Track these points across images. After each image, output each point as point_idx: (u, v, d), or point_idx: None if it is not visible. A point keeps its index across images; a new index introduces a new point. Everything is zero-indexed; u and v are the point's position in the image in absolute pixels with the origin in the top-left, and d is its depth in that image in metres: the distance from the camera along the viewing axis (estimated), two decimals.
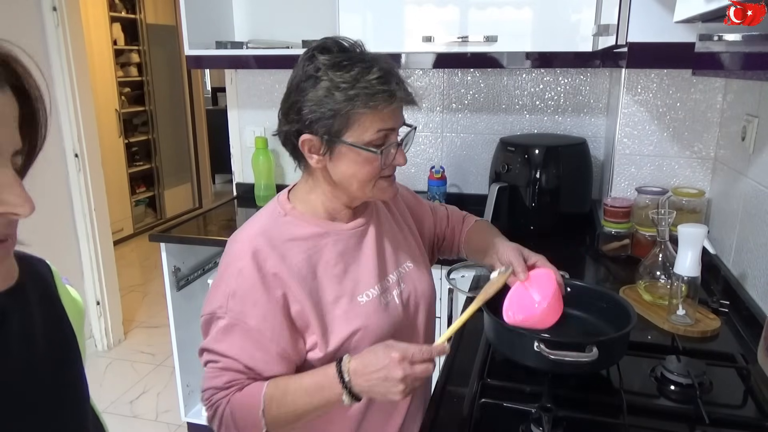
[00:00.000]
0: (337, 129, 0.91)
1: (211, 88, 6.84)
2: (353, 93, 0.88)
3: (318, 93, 0.89)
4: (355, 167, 0.94)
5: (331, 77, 0.89)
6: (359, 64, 0.90)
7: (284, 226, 0.98)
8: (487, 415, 0.95)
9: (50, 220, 2.79)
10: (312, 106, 0.90)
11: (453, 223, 1.29)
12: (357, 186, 0.96)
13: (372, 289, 1.02)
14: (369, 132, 0.91)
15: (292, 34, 2.29)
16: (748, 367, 1.06)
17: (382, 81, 0.89)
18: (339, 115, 0.89)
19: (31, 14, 2.61)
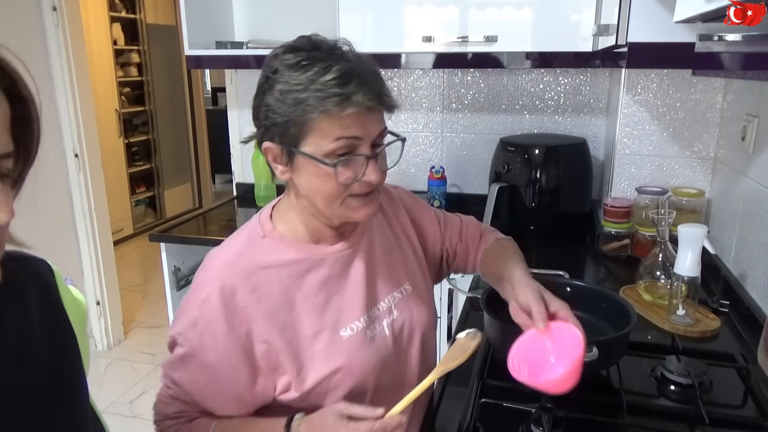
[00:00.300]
0: (294, 137, 0.81)
1: (211, 88, 6.84)
2: (303, 96, 0.78)
3: (273, 96, 0.81)
4: (317, 181, 0.83)
5: (287, 79, 0.80)
6: (319, 64, 0.79)
7: (261, 251, 0.89)
8: (487, 415, 0.95)
9: (50, 220, 2.79)
10: (267, 111, 0.82)
11: (467, 239, 1.15)
12: (322, 203, 0.86)
13: (357, 321, 0.91)
14: (327, 140, 0.80)
15: (292, 34, 2.25)
16: (748, 367, 1.06)
17: (339, 82, 0.77)
18: (292, 122, 0.80)
19: (31, 14, 2.61)
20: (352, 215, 0.87)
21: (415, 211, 1.11)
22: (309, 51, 0.81)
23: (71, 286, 0.69)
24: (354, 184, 0.83)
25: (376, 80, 0.82)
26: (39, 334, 0.58)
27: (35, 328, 0.58)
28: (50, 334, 0.60)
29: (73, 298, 0.66)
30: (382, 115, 0.85)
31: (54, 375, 0.59)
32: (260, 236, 0.91)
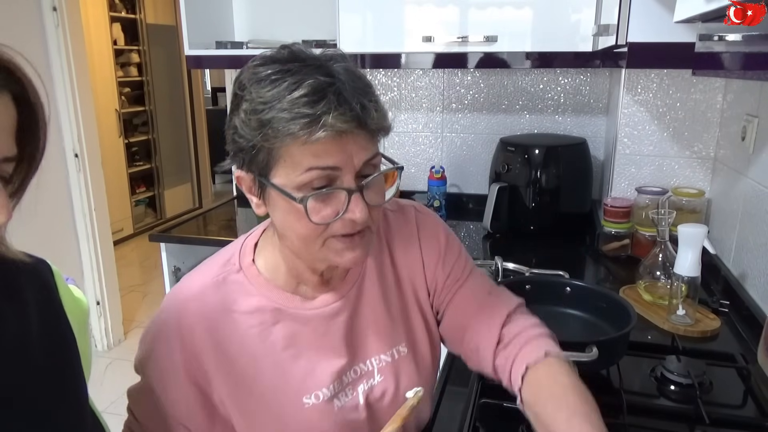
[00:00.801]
0: (262, 165, 0.68)
1: (211, 88, 6.84)
2: (268, 117, 0.65)
3: (239, 117, 0.68)
4: (290, 219, 0.70)
5: (253, 96, 0.67)
6: (289, 78, 0.65)
7: (230, 289, 0.77)
8: (487, 415, 0.94)
9: (50, 220, 2.79)
10: (234, 134, 0.70)
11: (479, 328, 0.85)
12: (299, 245, 0.73)
13: (324, 389, 0.78)
14: (298, 171, 0.66)
15: (292, 34, 2.28)
16: (748, 367, 1.06)
17: (308, 100, 0.64)
18: (258, 148, 0.67)
19: (31, 14, 2.60)
20: (335, 260, 0.73)
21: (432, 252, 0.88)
22: (284, 63, 0.68)
23: (72, 286, 0.68)
24: (334, 223, 0.69)
25: (359, 96, 0.66)
26: (37, 335, 0.58)
27: (34, 328, 0.58)
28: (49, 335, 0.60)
29: (74, 298, 0.66)
30: (370, 138, 0.69)
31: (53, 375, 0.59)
32: (235, 269, 0.79)
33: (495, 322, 0.84)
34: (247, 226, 2.25)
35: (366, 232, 0.73)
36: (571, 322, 1.17)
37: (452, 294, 0.89)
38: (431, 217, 0.92)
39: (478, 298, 0.88)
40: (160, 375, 0.77)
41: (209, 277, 0.79)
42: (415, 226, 0.90)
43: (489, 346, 0.82)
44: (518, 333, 0.82)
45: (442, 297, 0.89)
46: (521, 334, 0.82)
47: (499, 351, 0.82)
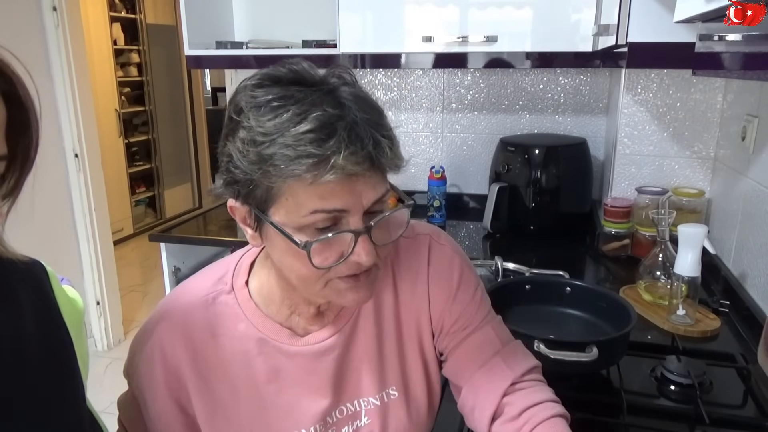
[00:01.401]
0: (261, 200, 0.62)
1: (211, 88, 6.83)
2: (269, 152, 0.58)
3: (235, 146, 0.61)
4: (290, 260, 0.64)
5: (251, 124, 0.59)
6: (293, 107, 0.58)
7: (217, 311, 0.73)
8: None
9: (50, 220, 2.79)
10: (228, 163, 0.62)
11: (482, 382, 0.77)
12: (298, 283, 0.67)
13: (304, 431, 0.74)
14: (302, 212, 0.60)
15: (292, 34, 2.29)
16: (748, 367, 1.06)
17: (315, 137, 0.57)
18: (256, 183, 0.60)
19: (31, 14, 2.60)
20: (337, 300, 0.68)
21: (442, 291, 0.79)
22: (287, 85, 0.61)
23: (67, 286, 0.68)
24: (339, 266, 0.63)
25: (372, 131, 0.59)
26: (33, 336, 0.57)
27: (29, 329, 0.57)
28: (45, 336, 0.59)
29: (69, 299, 0.65)
30: (381, 177, 0.63)
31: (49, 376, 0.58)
32: (226, 290, 0.74)
33: (496, 388, 0.74)
34: None
35: (373, 269, 0.66)
36: (571, 322, 1.17)
37: (457, 342, 0.79)
38: (447, 250, 0.81)
39: (485, 354, 0.77)
40: (143, 387, 0.74)
41: (200, 293, 0.74)
42: (426, 259, 0.79)
43: (485, 415, 0.74)
44: (525, 409, 0.72)
45: (446, 342, 0.80)
46: (529, 411, 0.72)
47: (498, 424, 0.73)
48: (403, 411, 0.79)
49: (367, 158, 0.58)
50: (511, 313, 1.13)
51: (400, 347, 0.79)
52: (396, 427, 0.79)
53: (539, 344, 0.95)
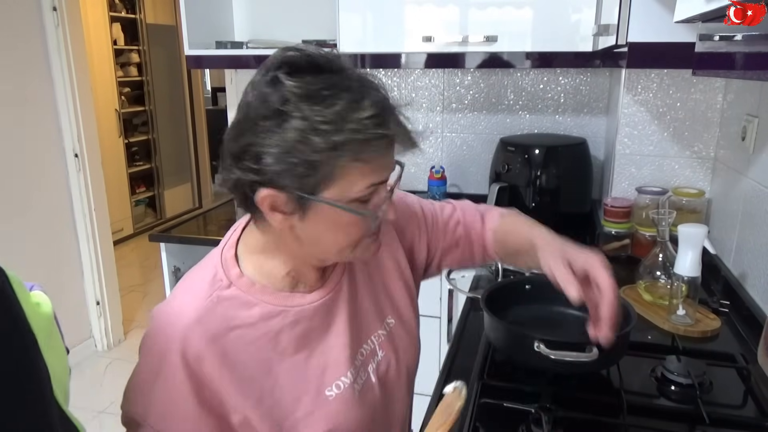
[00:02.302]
0: (314, 183, 0.66)
1: (211, 88, 6.83)
2: (340, 139, 0.63)
3: (287, 136, 0.63)
4: (336, 230, 0.71)
5: (306, 114, 0.63)
6: (344, 94, 0.64)
7: (227, 306, 0.73)
8: (487, 415, 0.94)
9: (50, 220, 2.79)
10: (279, 154, 0.64)
11: (468, 226, 1.01)
12: (336, 250, 0.74)
13: (344, 377, 0.79)
14: (357, 187, 0.67)
15: (292, 34, 2.29)
16: (748, 367, 1.06)
17: (378, 121, 0.64)
18: (316, 167, 0.65)
19: (31, 14, 2.60)
20: (363, 255, 0.77)
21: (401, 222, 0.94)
22: (317, 73, 0.66)
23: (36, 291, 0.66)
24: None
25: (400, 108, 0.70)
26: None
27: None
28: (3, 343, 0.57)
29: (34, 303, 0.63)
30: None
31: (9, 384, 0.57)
32: (225, 285, 0.74)
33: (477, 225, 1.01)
34: None
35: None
36: (571, 322, 1.17)
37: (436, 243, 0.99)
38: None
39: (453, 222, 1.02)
40: (165, 420, 0.71)
41: (201, 299, 0.73)
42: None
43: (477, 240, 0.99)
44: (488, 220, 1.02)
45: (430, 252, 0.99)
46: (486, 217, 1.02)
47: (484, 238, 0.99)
48: (403, 332, 0.90)
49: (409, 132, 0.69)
50: (511, 313, 1.13)
51: (384, 278, 0.90)
52: (403, 350, 0.89)
53: (539, 344, 0.95)
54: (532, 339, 0.97)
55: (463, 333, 1.29)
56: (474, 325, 1.32)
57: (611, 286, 0.76)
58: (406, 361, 0.89)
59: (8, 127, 2.55)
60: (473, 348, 1.18)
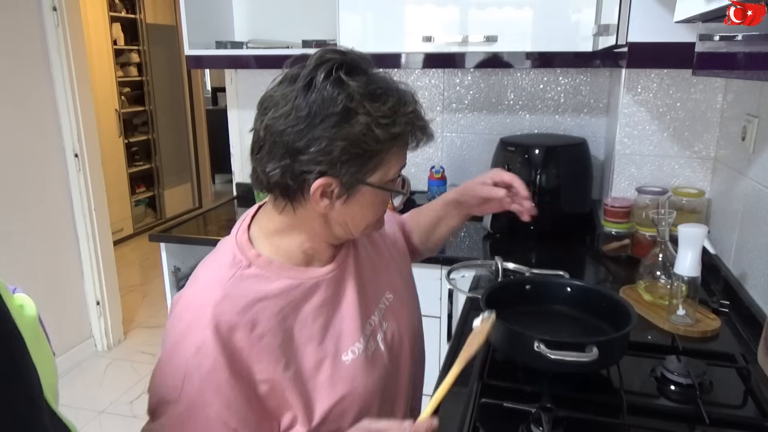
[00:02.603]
0: (368, 169, 0.78)
1: (211, 88, 6.84)
2: (397, 131, 0.76)
3: (355, 129, 0.73)
4: (370, 209, 0.83)
5: (369, 110, 0.74)
6: (392, 93, 0.77)
7: (250, 282, 0.79)
8: (487, 415, 0.95)
9: (50, 220, 2.79)
10: (346, 145, 0.74)
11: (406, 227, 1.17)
12: (363, 228, 0.84)
13: (357, 343, 0.87)
14: (393, 170, 0.81)
15: (292, 34, 2.29)
16: (748, 367, 1.06)
17: (417, 115, 0.79)
18: (374, 154, 0.76)
19: (31, 14, 2.60)
20: (375, 230, 0.89)
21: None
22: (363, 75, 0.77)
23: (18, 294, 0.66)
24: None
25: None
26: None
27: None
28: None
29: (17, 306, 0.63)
30: None
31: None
32: (245, 265, 0.80)
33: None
34: None
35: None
36: (571, 322, 1.17)
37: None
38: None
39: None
40: (201, 392, 0.74)
41: (225, 278, 0.79)
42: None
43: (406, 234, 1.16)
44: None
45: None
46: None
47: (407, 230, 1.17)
48: (401, 304, 0.99)
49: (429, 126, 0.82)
50: (511, 313, 1.13)
51: (381, 256, 1.00)
52: (404, 320, 0.97)
53: (539, 344, 0.95)
54: (532, 339, 0.97)
55: (463, 333, 1.29)
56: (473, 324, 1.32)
57: (514, 176, 1.06)
58: (407, 329, 0.98)
59: (8, 127, 2.56)
60: None
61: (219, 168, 6.19)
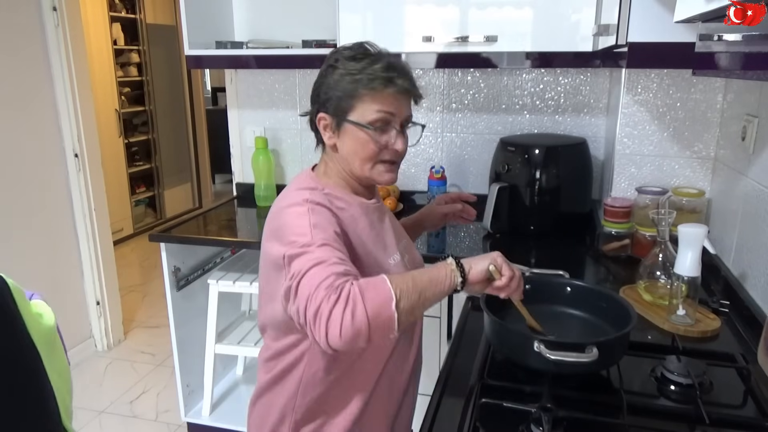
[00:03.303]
0: (344, 108, 1.03)
1: (211, 88, 6.84)
2: (359, 77, 1.01)
3: (333, 78, 1.03)
4: (357, 145, 1.05)
5: (345, 65, 1.03)
6: (370, 57, 1.03)
7: (326, 197, 1.05)
8: (487, 415, 0.95)
9: (50, 220, 2.79)
10: (327, 89, 1.05)
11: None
12: (358, 164, 1.06)
13: (396, 255, 1.12)
14: (370, 112, 1.02)
15: (292, 34, 2.29)
16: (748, 367, 1.06)
17: (385, 69, 1.01)
18: (346, 96, 1.02)
19: (31, 14, 2.60)
20: (379, 179, 1.08)
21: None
22: (361, 51, 1.05)
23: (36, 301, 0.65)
24: (384, 151, 1.05)
25: (411, 75, 1.06)
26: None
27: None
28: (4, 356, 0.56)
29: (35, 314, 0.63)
30: (411, 103, 1.08)
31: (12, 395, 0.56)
32: (321, 190, 1.07)
33: None
34: (247, 226, 2.26)
35: (396, 165, 1.09)
36: (571, 322, 1.17)
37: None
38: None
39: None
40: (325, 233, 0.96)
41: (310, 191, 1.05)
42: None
43: None
44: None
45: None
46: None
47: None
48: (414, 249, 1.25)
49: (412, 84, 1.05)
50: (512, 313, 1.13)
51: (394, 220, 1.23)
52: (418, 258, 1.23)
53: (539, 344, 0.95)
54: (532, 339, 0.97)
55: (463, 333, 1.29)
56: (474, 325, 1.32)
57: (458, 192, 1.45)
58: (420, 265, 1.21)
59: (8, 127, 2.56)
60: (473, 348, 1.19)
61: (219, 168, 6.19)
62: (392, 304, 0.85)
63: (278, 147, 2.49)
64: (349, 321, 0.82)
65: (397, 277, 0.91)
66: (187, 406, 2.31)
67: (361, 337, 0.84)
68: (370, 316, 0.83)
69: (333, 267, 0.88)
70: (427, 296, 0.92)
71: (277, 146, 2.49)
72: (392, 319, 0.85)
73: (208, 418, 2.29)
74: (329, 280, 0.86)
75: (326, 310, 0.83)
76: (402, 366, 1.15)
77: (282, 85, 2.41)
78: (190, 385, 2.30)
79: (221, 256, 2.37)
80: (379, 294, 0.85)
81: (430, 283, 0.92)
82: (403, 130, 1.07)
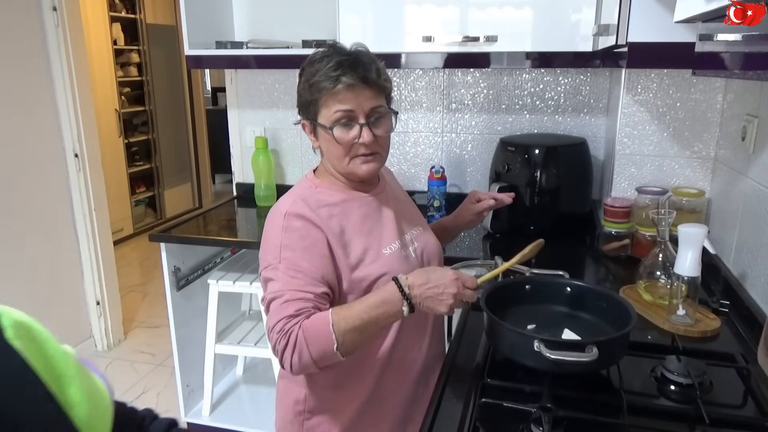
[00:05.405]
0: (314, 113, 1.10)
1: (211, 88, 6.84)
2: (313, 81, 1.06)
3: (300, 85, 1.11)
4: (329, 145, 1.11)
5: (307, 71, 1.09)
6: (326, 58, 1.06)
7: (318, 195, 1.13)
8: (487, 415, 0.95)
9: (50, 220, 2.79)
10: (299, 96, 1.12)
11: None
12: (336, 161, 1.13)
13: (394, 243, 1.17)
14: (331, 113, 1.07)
15: (292, 34, 2.29)
16: (748, 367, 1.06)
17: (332, 68, 1.04)
18: (311, 101, 1.09)
19: (31, 14, 2.61)
20: (358, 171, 1.12)
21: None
22: (320, 54, 1.09)
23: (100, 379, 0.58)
24: (355, 145, 1.09)
25: (365, 65, 1.06)
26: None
27: None
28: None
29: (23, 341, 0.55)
30: (375, 93, 1.09)
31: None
32: (314, 187, 1.16)
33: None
34: (247, 226, 2.26)
35: (377, 156, 1.13)
36: (571, 322, 1.17)
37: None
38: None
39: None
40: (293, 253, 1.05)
41: (300, 193, 1.14)
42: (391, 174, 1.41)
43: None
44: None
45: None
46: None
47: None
48: (429, 236, 1.28)
49: (360, 78, 1.05)
50: (511, 313, 1.13)
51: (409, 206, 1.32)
52: (431, 245, 1.27)
53: (539, 344, 0.95)
54: (532, 339, 0.97)
55: (463, 333, 1.29)
56: (474, 325, 1.32)
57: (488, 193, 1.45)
58: (434, 253, 1.27)
59: (8, 127, 2.56)
60: (473, 348, 1.19)
61: (219, 168, 6.19)
62: (333, 347, 0.98)
63: (278, 147, 2.49)
64: (297, 362, 0.99)
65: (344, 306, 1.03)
66: (187, 406, 2.31)
67: (311, 370, 1.01)
68: (315, 359, 0.99)
69: (286, 307, 1.00)
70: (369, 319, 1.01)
71: (277, 146, 2.49)
72: (335, 357, 0.99)
73: (208, 418, 2.30)
74: (280, 325, 0.99)
75: (279, 351, 1.00)
76: (413, 355, 1.21)
77: (282, 85, 2.42)
78: (190, 385, 2.30)
79: (221, 256, 2.37)
80: (321, 340, 0.98)
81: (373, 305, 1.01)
82: (369, 121, 1.08)
